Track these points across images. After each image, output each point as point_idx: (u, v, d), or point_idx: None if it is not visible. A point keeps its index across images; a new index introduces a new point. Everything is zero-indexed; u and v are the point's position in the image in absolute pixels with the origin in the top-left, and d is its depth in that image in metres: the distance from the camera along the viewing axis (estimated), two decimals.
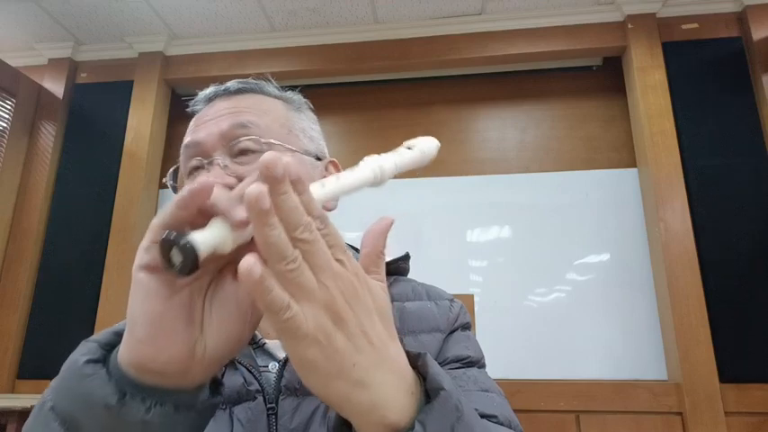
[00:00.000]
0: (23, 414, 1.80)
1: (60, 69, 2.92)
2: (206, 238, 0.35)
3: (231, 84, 0.67)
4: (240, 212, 0.35)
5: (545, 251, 2.50)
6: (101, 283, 2.55)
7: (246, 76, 0.69)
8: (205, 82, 2.74)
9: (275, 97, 0.68)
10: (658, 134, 2.39)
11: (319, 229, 0.34)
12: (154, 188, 2.80)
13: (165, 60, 2.88)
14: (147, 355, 0.37)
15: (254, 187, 0.31)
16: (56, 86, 2.90)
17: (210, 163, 0.59)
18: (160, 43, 2.84)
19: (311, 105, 0.73)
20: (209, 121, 0.62)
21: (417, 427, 0.36)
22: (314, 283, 0.33)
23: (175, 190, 0.64)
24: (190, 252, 0.34)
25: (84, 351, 0.41)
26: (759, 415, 2.08)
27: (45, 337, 2.56)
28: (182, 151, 0.63)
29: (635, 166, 2.55)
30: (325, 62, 2.75)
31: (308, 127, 0.69)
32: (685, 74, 2.48)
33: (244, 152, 0.60)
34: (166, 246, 0.35)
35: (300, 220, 0.33)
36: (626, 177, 2.55)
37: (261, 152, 0.59)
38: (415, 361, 0.41)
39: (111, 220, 2.64)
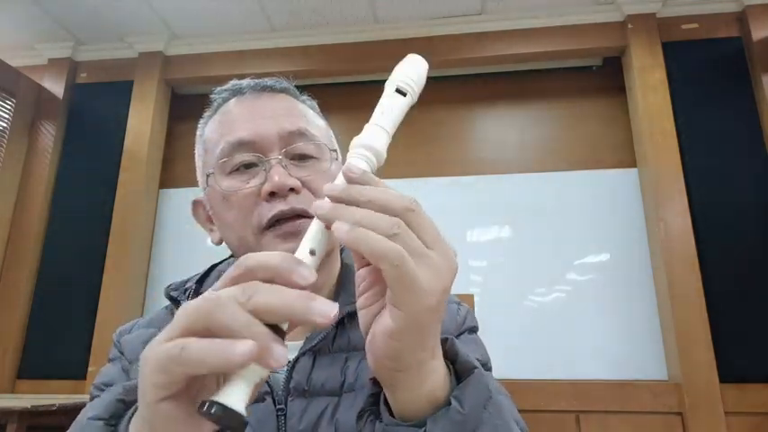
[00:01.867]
0: (23, 414, 1.80)
1: (60, 69, 2.92)
2: (241, 395, 0.32)
3: (271, 82, 0.66)
4: (278, 353, 0.31)
5: (545, 251, 2.50)
6: (101, 283, 2.55)
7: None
8: (205, 82, 2.77)
9: (305, 104, 0.69)
10: (658, 134, 2.39)
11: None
12: (154, 188, 2.80)
13: (165, 60, 2.88)
14: None
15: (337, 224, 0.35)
16: (56, 86, 2.90)
17: (271, 162, 0.59)
18: (160, 43, 2.84)
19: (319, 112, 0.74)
20: (258, 119, 0.62)
21: (454, 403, 0.39)
22: (424, 248, 0.36)
23: (206, 183, 0.64)
24: (237, 423, 0.31)
25: None
26: (759, 415, 2.08)
27: (45, 337, 2.56)
28: (226, 145, 0.61)
29: (635, 166, 2.55)
30: (326, 62, 2.75)
31: (330, 132, 0.71)
32: (685, 74, 2.48)
33: (302, 157, 0.61)
34: (208, 416, 0.32)
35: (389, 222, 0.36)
36: (626, 177, 2.55)
37: (318, 159, 0.62)
38: (443, 344, 0.44)
39: (111, 221, 2.63)
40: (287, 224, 0.58)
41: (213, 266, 0.71)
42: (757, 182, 2.30)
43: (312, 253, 0.36)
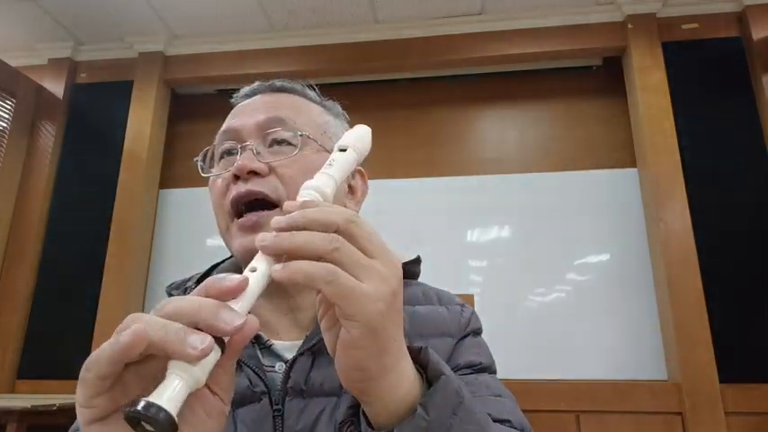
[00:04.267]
0: (23, 414, 1.80)
1: (60, 69, 2.92)
2: (173, 396, 0.32)
3: (275, 81, 0.69)
4: (194, 342, 0.32)
5: (545, 251, 2.50)
6: (101, 283, 2.55)
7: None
8: (205, 82, 2.77)
9: (315, 102, 0.70)
10: (658, 134, 2.39)
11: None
12: (154, 188, 2.80)
13: (165, 60, 2.88)
14: None
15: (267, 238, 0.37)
16: (56, 86, 2.90)
17: (243, 148, 0.61)
18: (160, 43, 2.84)
19: (348, 118, 0.74)
20: (248, 111, 0.65)
21: (419, 410, 0.40)
22: (366, 259, 0.38)
23: (203, 170, 0.65)
24: (165, 423, 0.30)
25: None
26: (759, 415, 2.08)
27: (45, 337, 2.56)
28: (217, 137, 0.65)
29: (635, 166, 2.55)
30: (326, 62, 2.75)
31: (341, 133, 0.69)
32: (685, 74, 2.48)
33: (279, 142, 0.62)
34: (133, 421, 0.31)
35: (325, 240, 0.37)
36: (626, 177, 2.55)
37: (295, 145, 0.61)
38: (417, 354, 0.44)
39: (111, 220, 2.63)
40: (244, 217, 0.59)
41: (214, 266, 0.71)
42: (757, 182, 2.30)
43: (253, 270, 0.38)
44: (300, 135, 0.61)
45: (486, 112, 2.81)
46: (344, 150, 0.47)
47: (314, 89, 0.71)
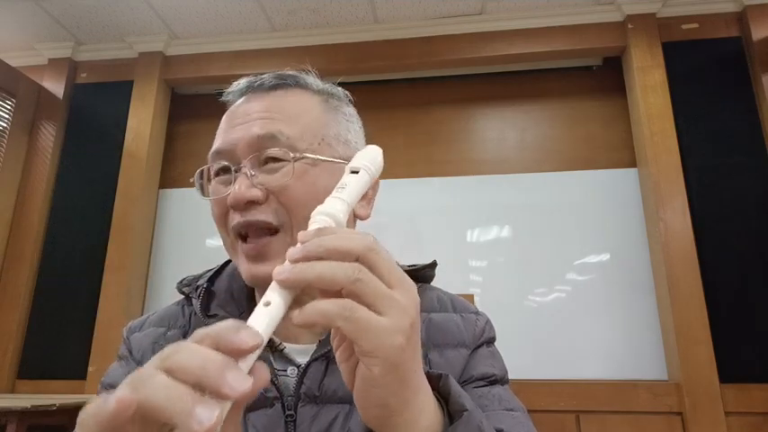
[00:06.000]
0: (23, 414, 1.80)
1: (60, 69, 2.92)
2: None
3: (267, 78, 0.63)
4: (200, 416, 0.29)
5: (545, 251, 2.50)
6: (101, 283, 2.55)
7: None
8: (205, 82, 2.76)
9: (314, 92, 0.65)
10: (658, 134, 2.39)
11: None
12: (154, 188, 2.80)
13: (165, 60, 2.88)
14: None
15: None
16: (56, 86, 2.90)
17: (238, 170, 0.58)
18: (160, 43, 2.84)
19: (351, 98, 0.70)
20: (241, 123, 0.60)
21: None
22: (386, 289, 0.36)
23: (202, 189, 0.63)
24: None
25: None
26: (759, 415, 2.08)
27: (45, 337, 2.56)
28: (210, 156, 0.62)
29: (635, 166, 2.55)
30: (326, 62, 2.75)
31: (343, 130, 0.65)
32: (685, 74, 2.48)
33: (272, 160, 0.58)
34: None
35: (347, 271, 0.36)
36: (626, 177, 2.55)
37: (288, 162, 0.57)
38: (437, 382, 0.44)
39: (111, 220, 2.63)
40: (248, 245, 0.57)
41: (226, 263, 0.69)
42: (757, 182, 2.30)
43: (267, 305, 0.36)
44: (293, 156, 0.57)
45: (486, 112, 2.81)
46: (356, 172, 0.46)
47: (314, 74, 0.66)
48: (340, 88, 0.69)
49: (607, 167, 2.59)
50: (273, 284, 0.37)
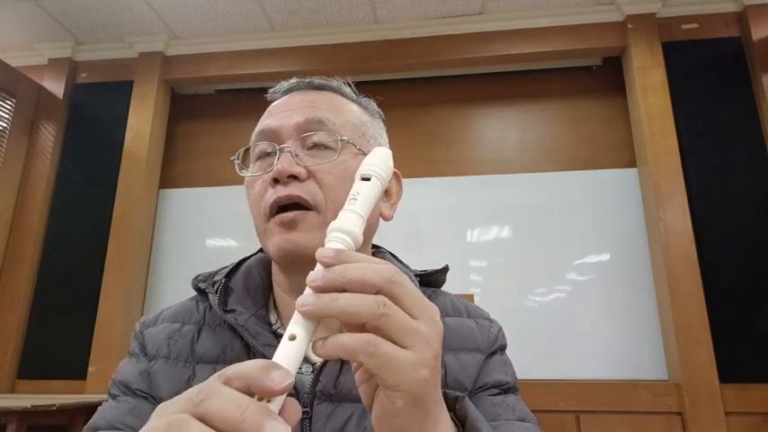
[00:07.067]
0: (23, 414, 1.80)
1: (60, 69, 2.92)
2: None
3: (312, 78, 0.67)
4: None
5: (545, 251, 2.50)
6: (101, 283, 2.55)
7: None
8: (205, 82, 2.76)
9: (352, 101, 0.68)
10: (658, 134, 2.39)
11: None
12: (154, 188, 2.80)
13: (165, 60, 2.88)
14: None
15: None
16: (56, 86, 2.90)
17: (282, 150, 0.60)
18: (160, 43, 2.84)
19: (383, 116, 0.73)
20: (286, 111, 0.63)
21: None
22: (410, 321, 0.36)
23: (240, 169, 0.64)
24: None
25: None
26: (759, 415, 2.08)
27: (45, 337, 2.56)
28: (254, 137, 0.64)
29: (635, 166, 2.55)
30: (325, 62, 2.75)
31: (378, 134, 0.69)
32: (685, 74, 2.48)
33: (317, 146, 0.61)
34: None
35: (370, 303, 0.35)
36: (626, 177, 2.55)
37: (333, 149, 0.60)
38: (453, 404, 0.44)
39: (111, 220, 2.63)
40: (283, 214, 0.58)
41: (242, 261, 0.70)
42: (757, 182, 2.30)
43: (292, 338, 0.36)
44: (340, 140, 0.60)
45: (486, 112, 2.81)
46: (368, 179, 0.45)
47: (350, 86, 0.70)
48: (373, 103, 0.72)
49: (607, 167, 2.59)
50: (297, 316, 0.37)
